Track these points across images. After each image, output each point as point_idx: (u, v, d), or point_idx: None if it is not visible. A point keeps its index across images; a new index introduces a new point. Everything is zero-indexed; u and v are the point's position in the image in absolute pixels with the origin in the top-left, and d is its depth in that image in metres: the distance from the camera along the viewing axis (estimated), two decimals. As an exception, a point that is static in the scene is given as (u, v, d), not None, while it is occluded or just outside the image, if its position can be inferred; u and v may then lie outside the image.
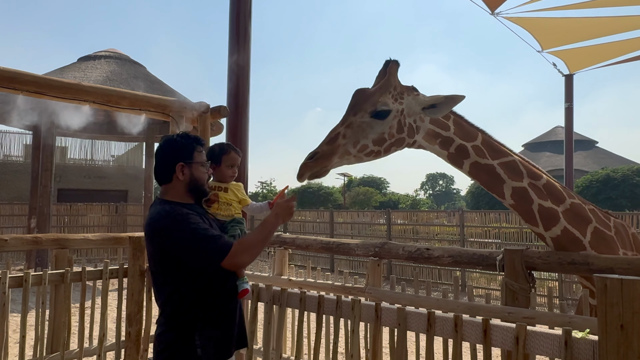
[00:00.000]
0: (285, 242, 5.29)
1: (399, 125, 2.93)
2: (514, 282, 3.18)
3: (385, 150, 2.93)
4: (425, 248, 3.89)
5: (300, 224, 19.21)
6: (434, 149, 3.11)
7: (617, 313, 1.60)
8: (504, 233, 13.43)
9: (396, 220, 16.26)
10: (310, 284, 5.05)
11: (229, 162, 2.90)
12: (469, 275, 13.64)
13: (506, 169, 3.06)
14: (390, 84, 2.94)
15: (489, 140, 3.12)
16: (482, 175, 3.09)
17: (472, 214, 14.65)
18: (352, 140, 2.81)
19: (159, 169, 2.50)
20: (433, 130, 3.05)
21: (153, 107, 5.26)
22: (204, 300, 2.37)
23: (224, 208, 2.82)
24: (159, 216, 2.32)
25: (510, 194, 3.06)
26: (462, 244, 13.77)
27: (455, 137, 3.06)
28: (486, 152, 3.06)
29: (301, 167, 2.71)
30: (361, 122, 2.84)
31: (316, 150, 2.75)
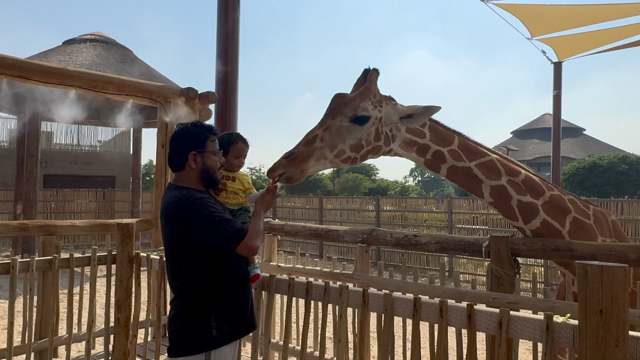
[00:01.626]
0: (274, 228, 5.31)
1: (376, 133, 2.94)
2: (499, 268, 3.24)
3: (362, 157, 2.95)
4: (413, 235, 3.94)
5: (289, 210, 19.24)
6: (411, 156, 3.13)
7: (597, 299, 1.65)
8: (491, 219, 13.61)
9: (385, 207, 16.36)
10: (299, 270, 5.09)
11: (236, 153, 2.94)
12: (456, 261, 13.82)
13: (483, 169, 3.09)
14: (370, 91, 2.95)
15: (466, 142, 3.14)
16: (460, 178, 3.13)
17: (460, 200, 14.80)
18: (330, 144, 2.81)
19: (173, 156, 2.57)
20: (409, 138, 3.07)
21: (140, 93, 5.21)
22: (220, 284, 2.46)
23: (231, 197, 2.88)
24: (178, 200, 2.39)
25: (489, 192, 3.10)
26: (450, 231, 13.93)
27: (431, 144, 3.08)
28: (463, 155, 3.09)
29: (275, 163, 2.69)
30: (340, 126, 2.84)
31: (292, 151, 2.74)
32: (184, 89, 5.27)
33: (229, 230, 2.34)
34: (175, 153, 2.56)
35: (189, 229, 2.34)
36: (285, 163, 2.69)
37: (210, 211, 2.36)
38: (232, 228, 2.36)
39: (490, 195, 3.10)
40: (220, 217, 2.36)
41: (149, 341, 5.34)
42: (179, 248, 2.42)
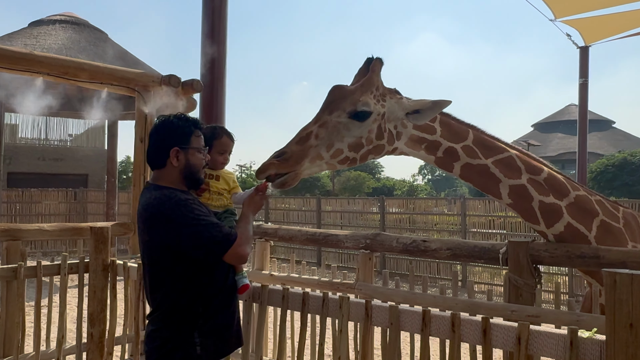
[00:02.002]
0: (267, 233, 5.31)
1: (378, 130, 2.93)
2: (518, 277, 3.25)
3: (362, 158, 2.95)
4: (422, 240, 3.94)
5: (283, 212, 19.27)
6: (419, 154, 3.14)
7: (627, 311, 1.66)
8: (509, 223, 13.63)
9: (391, 209, 16.39)
10: (294, 279, 5.10)
11: (220, 148, 2.95)
12: (471, 269, 13.85)
13: (501, 166, 3.10)
14: (372, 83, 2.95)
15: (481, 137, 3.15)
16: (475, 177, 3.14)
17: (475, 201, 14.83)
18: (326, 142, 2.80)
19: (152, 152, 2.58)
20: (417, 135, 3.07)
21: (116, 81, 5.21)
22: (205, 296, 2.47)
23: (215, 198, 2.90)
24: (159, 201, 2.40)
25: (507, 193, 3.11)
26: (463, 235, 13.96)
27: (442, 140, 3.08)
28: (478, 151, 3.10)
29: (265, 164, 2.68)
30: (337, 123, 2.84)
31: (284, 150, 2.73)
32: (165, 77, 5.27)
33: (216, 236, 2.35)
34: (155, 148, 2.57)
35: (171, 234, 2.34)
36: (277, 163, 2.67)
37: (195, 214, 2.37)
38: (220, 233, 2.37)
39: (508, 196, 3.12)
40: (206, 221, 2.38)
41: (126, 359, 5.34)
42: (159, 255, 2.43)
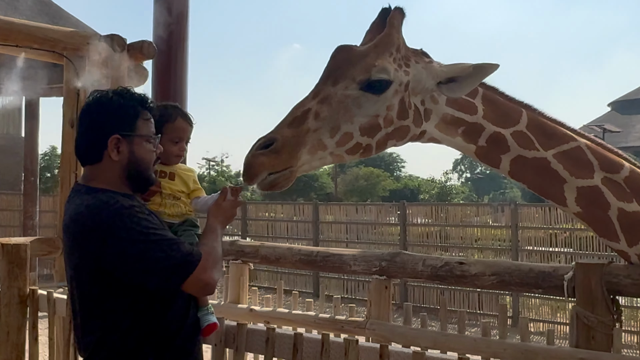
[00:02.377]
0: (245, 252, 5.32)
1: (401, 107, 2.93)
2: (590, 313, 3.24)
3: (378, 145, 2.95)
4: (458, 262, 3.95)
5: (267, 223, 19.27)
6: (455, 142, 3.15)
7: None
8: (577, 238, 13.64)
9: (415, 219, 16.38)
10: (282, 316, 5.11)
11: (174, 135, 2.96)
12: (525, 302, 13.87)
13: (566, 161, 3.11)
14: (391, 42, 2.94)
15: (539, 120, 3.16)
16: (530, 175, 3.15)
17: (530, 209, 14.83)
18: (330, 124, 2.79)
19: (84, 142, 2.58)
20: (451, 115, 3.07)
21: (37, 43, 5.18)
22: (157, 340, 2.48)
23: (169, 204, 2.90)
24: (92, 210, 2.39)
25: (574, 197, 3.12)
26: (514, 255, 13.96)
27: (486, 123, 3.09)
28: (535, 140, 3.11)
29: (250, 161, 2.66)
30: (345, 97, 2.84)
31: (273, 136, 2.71)
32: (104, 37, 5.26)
33: (172, 257, 2.35)
34: (87, 137, 2.56)
35: (109, 256, 2.34)
36: (266, 158, 2.66)
37: (144, 227, 2.37)
38: (178, 253, 2.36)
39: (576, 202, 3.12)
40: (158, 236, 2.38)
41: None
42: (93, 284, 2.42)
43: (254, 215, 19.67)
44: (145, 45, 5.57)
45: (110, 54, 5.23)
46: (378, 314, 4.46)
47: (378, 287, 4.45)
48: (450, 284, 3.95)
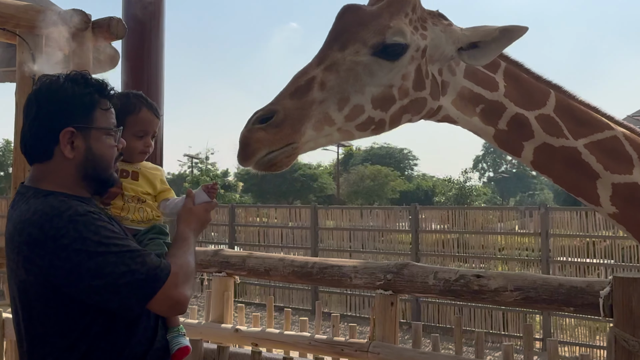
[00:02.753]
0: (230, 263, 5.30)
1: (417, 76, 2.92)
2: (630, 336, 3.22)
3: (392, 120, 2.93)
4: (475, 275, 3.93)
5: (258, 230, 19.29)
6: (472, 122, 3.12)
7: None
8: (619, 248, 13.62)
9: (428, 224, 16.39)
10: (272, 337, 5.09)
11: (137, 128, 2.95)
12: (556, 322, 13.87)
13: (601, 152, 3.08)
14: (406, 1, 2.93)
15: (569, 103, 3.14)
16: (557, 167, 3.12)
17: (563, 213, 14.84)
18: (338, 95, 2.78)
19: (30, 136, 2.54)
20: (469, 89, 3.06)
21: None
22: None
23: (132, 208, 2.88)
24: (41, 217, 2.35)
25: (609, 196, 3.08)
26: (544, 267, 13.97)
27: (507, 102, 3.07)
28: (563, 126, 3.07)
29: (246, 137, 2.63)
30: (354, 63, 2.82)
31: (272, 108, 2.69)
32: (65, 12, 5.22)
33: (136, 272, 2.32)
34: (35, 131, 2.53)
35: (61, 270, 2.30)
36: (264, 134, 2.63)
37: (103, 236, 2.33)
38: (143, 267, 2.33)
39: (611, 201, 3.09)
40: (120, 246, 2.35)
41: None
42: (43, 304, 2.38)
43: (243, 221, 19.71)
44: (113, 23, 5.51)
45: (71, 33, 5.20)
46: (383, 334, 4.43)
47: (383, 303, 4.42)
48: (467, 300, 3.94)
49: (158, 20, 6.96)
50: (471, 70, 3.04)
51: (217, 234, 20.71)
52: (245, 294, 18.50)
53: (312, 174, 46.68)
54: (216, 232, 20.75)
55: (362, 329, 5.13)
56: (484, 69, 3.06)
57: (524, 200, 67.22)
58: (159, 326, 2.60)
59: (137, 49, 6.94)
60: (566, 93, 3.16)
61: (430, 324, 14.68)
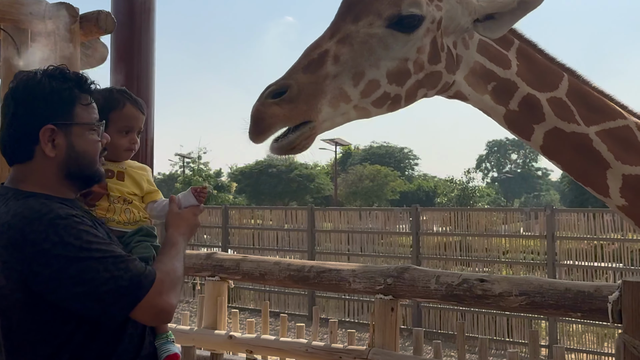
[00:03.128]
0: (223, 267, 5.30)
1: (433, 48, 2.93)
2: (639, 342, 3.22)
3: (408, 96, 2.94)
4: (479, 279, 3.93)
5: (253, 233, 19.26)
6: (483, 101, 3.13)
7: None
8: (629, 251, 13.62)
9: (430, 227, 16.39)
10: (267, 344, 5.08)
11: (123, 124, 2.96)
12: (562, 328, 13.88)
13: (613, 141, 3.08)
14: None
15: (582, 88, 3.14)
16: (567, 154, 3.13)
17: (570, 215, 14.85)
18: (352, 69, 2.79)
19: (9, 136, 2.52)
20: (482, 65, 3.07)
21: (-32, 13, 5.13)
22: None
23: (118, 209, 2.88)
24: (20, 220, 2.33)
25: (619, 187, 3.09)
26: (550, 271, 13.97)
27: (519, 81, 3.08)
28: (576, 112, 3.08)
29: (260, 111, 2.64)
30: (368, 36, 2.83)
31: (285, 82, 2.70)
32: (52, 5, 5.22)
33: (119, 278, 2.30)
34: (13, 130, 2.51)
35: (41, 276, 2.28)
36: (282, 110, 2.64)
37: (85, 241, 2.32)
38: (126, 274, 2.32)
39: (621, 193, 3.10)
40: (103, 252, 2.33)
41: None
42: (22, 311, 2.36)
43: (237, 223, 19.68)
44: (101, 17, 5.51)
45: (58, 27, 5.19)
46: (383, 341, 4.44)
47: (382, 308, 4.42)
48: (470, 305, 3.93)
49: (148, 14, 6.95)
50: (484, 45, 3.06)
51: (210, 236, 20.68)
52: (239, 299, 18.48)
53: (308, 174, 46.68)
54: (209, 235, 20.71)
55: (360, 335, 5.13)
56: (497, 46, 3.08)
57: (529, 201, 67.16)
58: (146, 333, 2.59)
59: (126, 44, 6.93)
60: (580, 78, 3.17)
61: (431, 330, 14.66)
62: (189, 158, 54.11)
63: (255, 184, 48.59)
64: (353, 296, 15.90)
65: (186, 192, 3.08)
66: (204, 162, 53.02)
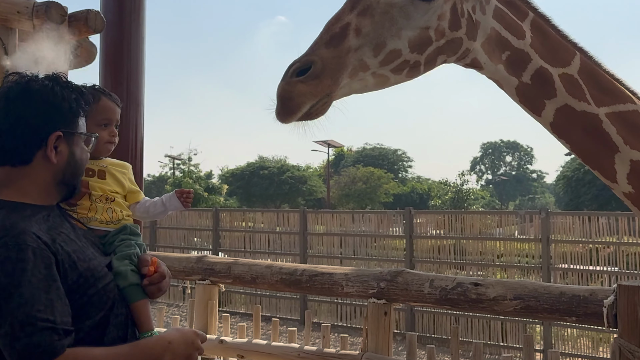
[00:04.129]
0: (214, 270, 5.29)
1: (453, 15, 2.96)
2: (635, 347, 3.22)
3: (427, 63, 2.98)
4: (473, 282, 3.93)
5: (245, 235, 19.23)
6: (497, 70, 3.14)
7: None
8: (624, 254, 13.64)
9: (424, 229, 16.40)
10: (259, 348, 5.08)
11: (101, 116, 2.95)
12: (558, 332, 13.88)
13: (622, 125, 3.08)
14: None
15: (593, 68, 3.15)
16: (577, 133, 3.14)
17: (565, 218, 14.88)
18: (374, 41, 2.81)
19: (15, 137, 2.47)
20: (497, 32, 3.08)
21: (-45, 12, 5.11)
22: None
23: (100, 208, 2.87)
24: None
25: (626, 173, 3.09)
26: (545, 275, 13.98)
27: (533, 54, 3.09)
28: (587, 91, 3.09)
29: (288, 91, 2.65)
30: (389, 6, 2.84)
31: (310, 58, 2.72)
32: (39, 5, 5.20)
33: (15, 340, 2.16)
34: (20, 132, 2.47)
35: None
36: (305, 86, 2.65)
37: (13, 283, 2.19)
38: (25, 339, 2.15)
39: (628, 179, 3.11)
40: (22, 305, 2.18)
41: None
42: None
43: (228, 225, 19.63)
44: (91, 16, 5.50)
45: (47, 26, 5.18)
46: (376, 345, 4.43)
47: (376, 313, 4.42)
48: (464, 309, 3.94)
49: (138, 13, 6.94)
50: (499, 12, 3.07)
51: (200, 239, 20.65)
52: (230, 303, 18.44)
53: (301, 176, 46.63)
54: (199, 237, 20.69)
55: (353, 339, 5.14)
56: (512, 15, 3.10)
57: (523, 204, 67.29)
58: (128, 333, 2.55)
59: (116, 44, 6.92)
60: (591, 58, 3.18)
61: (425, 334, 14.67)
62: (179, 159, 53.96)
63: (246, 186, 48.55)
64: (345, 300, 15.90)
65: (171, 194, 3.08)
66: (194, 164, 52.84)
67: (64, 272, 2.33)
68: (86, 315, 2.40)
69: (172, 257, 5.65)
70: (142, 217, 3.04)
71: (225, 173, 59.96)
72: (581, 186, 30.86)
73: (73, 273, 2.37)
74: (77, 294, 2.36)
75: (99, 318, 2.44)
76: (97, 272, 2.47)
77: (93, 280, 2.44)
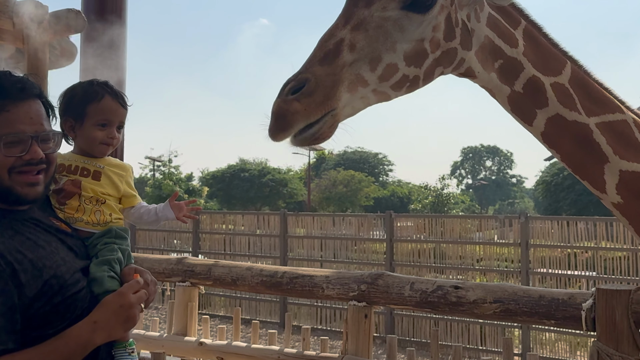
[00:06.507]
0: (194, 272, 5.28)
1: (447, 25, 2.95)
2: (614, 351, 3.24)
3: (426, 75, 2.96)
4: (453, 285, 3.94)
5: (225, 238, 19.18)
6: (490, 79, 3.14)
7: None
8: (601, 259, 13.74)
9: (404, 233, 16.42)
10: (238, 350, 5.07)
11: (100, 117, 2.88)
12: (536, 336, 13.96)
13: (612, 135, 3.10)
14: None
15: (583, 78, 3.16)
16: (568, 143, 3.14)
17: (544, 223, 14.95)
18: (369, 55, 2.79)
19: None
20: (491, 40, 3.08)
21: None
22: None
23: (88, 209, 2.82)
24: None
25: (615, 183, 3.10)
26: (524, 279, 14.07)
27: (525, 62, 3.10)
28: (578, 100, 3.10)
29: (282, 108, 2.63)
30: (383, 20, 2.83)
31: (304, 76, 2.69)
32: (19, 3, 5.17)
33: None
34: None
35: None
36: (302, 106, 2.63)
37: None
38: None
39: (617, 190, 3.11)
40: None
41: None
42: None
43: (208, 228, 19.60)
44: (72, 16, 5.47)
45: (26, 25, 5.15)
46: (356, 348, 4.43)
47: (356, 315, 4.42)
48: (444, 312, 3.93)
49: (120, 13, 6.91)
50: (493, 20, 3.07)
51: (180, 241, 20.58)
52: (209, 306, 18.41)
53: (281, 178, 46.55)
54: (179, 240, 20.61)
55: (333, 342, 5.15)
56: (505, 23, 3.10)
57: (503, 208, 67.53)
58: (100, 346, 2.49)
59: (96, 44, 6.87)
60: (581, 67, 3.20)
61: (404, 338, 14.70)
62: (159, 161, 53.75)
63: (227, 189, 48.43)
64: (325, 303, 15.92)
65: (164, 204, 3.04)
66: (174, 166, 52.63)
67: (26, 282, 2.29)
68: (49, 324, 2.37)
69: (151, 259, 5.62)
70: (136, 222, 3.01)
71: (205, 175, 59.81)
72: (560, 191, 31.09)
73: (36, 281, 2.33)
74: (40, 302, 2.33)
75: (63, 327, 2.39)
76: (64, 280, 2.43)
77: (58, 287, 2.40)
